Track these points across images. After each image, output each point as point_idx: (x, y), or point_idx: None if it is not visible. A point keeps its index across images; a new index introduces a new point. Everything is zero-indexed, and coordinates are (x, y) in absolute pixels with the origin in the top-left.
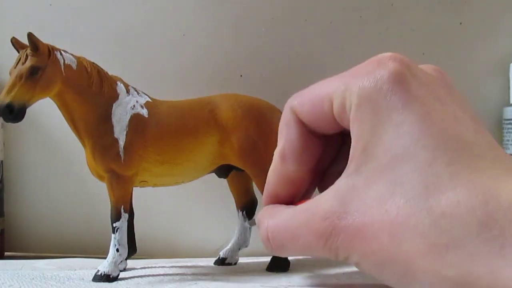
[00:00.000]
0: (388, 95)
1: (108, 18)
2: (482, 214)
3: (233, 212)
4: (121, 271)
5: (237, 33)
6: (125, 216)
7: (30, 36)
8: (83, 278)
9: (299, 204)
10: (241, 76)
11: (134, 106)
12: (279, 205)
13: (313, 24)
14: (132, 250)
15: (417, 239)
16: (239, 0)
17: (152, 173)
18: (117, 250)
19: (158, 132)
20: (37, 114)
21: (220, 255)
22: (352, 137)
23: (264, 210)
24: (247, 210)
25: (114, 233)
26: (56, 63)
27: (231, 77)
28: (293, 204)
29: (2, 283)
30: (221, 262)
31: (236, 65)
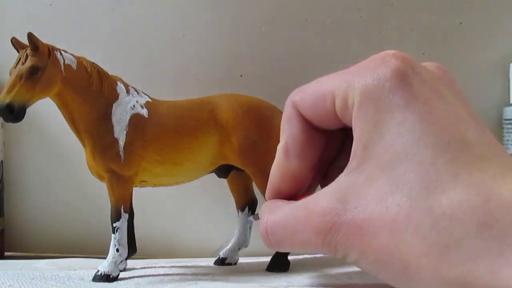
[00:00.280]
0: (391, 93)
1: (108, 18)
2: (483, 214)
3: (233, 212)
4: (121, 271)
5: (237, 33)
6: (125, 216)
7: (30, 36)
8: (83, 278)
9: (300, 200)
10: (241, 76)
11: (134, 106)
12: (280, 200)
13: (313, 24)
14: (132, 250)
15: (418, 239)
16: (239, 0)
17: (152, 173)
18: (117, 250)
19: (158, 132)
20: (37, 114)
21: (220, 255)
22: (354, 135)
23: (265, 205)
24: (249, 209)
25: (114, 233)
26: (56, 63)
27: (231, 77)
28: (295, 200)
29: (2, 283)
30: (221, 262)
31: (236, 65)
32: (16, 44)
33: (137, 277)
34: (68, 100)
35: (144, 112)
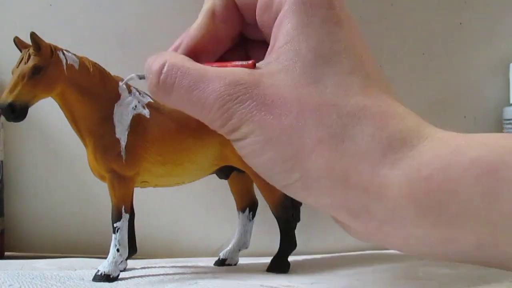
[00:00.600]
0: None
1: (108, 18)
2: (379, 119)
3: (234, 213)
4: (121, 271)
5: None
6: (126, 216)
7: (33, 36)
8: (83, 278)
9: (214, 65)
10: None
11: (136, 107)
12: (190, 59)
13: None
14: (133, 250)
15: (321, 127)
16: None
17: (153, 174)
18: (118, 250)
19: (160, 133)
20: (38, 114)
21: (220, 256)
22: (278, 31)
23: (169, 52)
24: (250, 210)
25: (115, 233)
26: (59, 63)
27: None
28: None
29: (2, 283)
30: (221, 263)
31: None
32: (19, 44)
33: (137, 277)
34: (70, 100)
35: (146, 113)
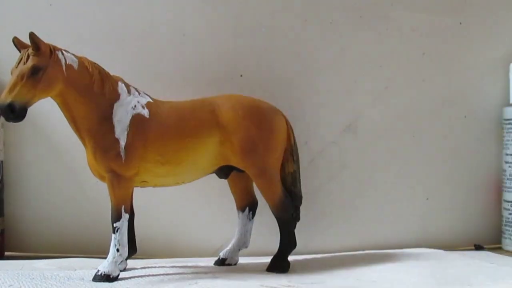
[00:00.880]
0: None
1: (108, 18)
2: None
3: (233, 213)
4: (121, 271)
5: (237, 33)
6: (126, 216)
7: (32, 36)
8: (83, 278)
9: None
10: (241, 76)
11: (135, 107)
12: None
13: (313, 24)
14: (132, 250)
15: None
16: (239, 0)
17: (153, 174)
18: (118, 250)
19: (159, 133)
20: (37, 114)
21: (220, 256)
22: None
23: None
24: (250, 209)
25: (115, 233)
26: (58, 63)
27: (231, 77)
28: None
29: (2, 283)
30: (221, 263)
31: (236, 65)
32: (18, 44)
33: (137, 277)
34: (70, 100)
35: (145, 113)
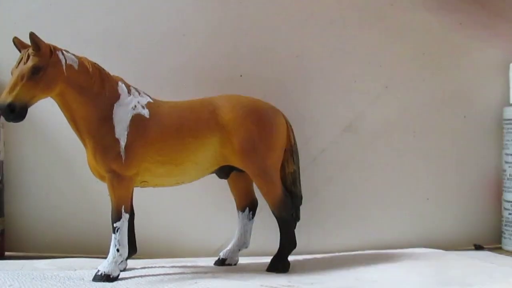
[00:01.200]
0: None
1: (109, 18)
2: None
3: (233, 213)
4: (121, 271)
5: (237, 33)
6: (126, 216)
7: (32, 36)
8: (83, 278)
9: None
10: (241, 76)
11: (135, 107)
12: None
13: (313, 24)
14: (132, 250)
15: None
16: (239, 0)
17: (153, 174)
18: (118, 250)
19: (159, 133)
20: (38, 114)
21: (220, 256)
22: None
23: None
24: (250, 209)
25: (115, 233)
26: (58, 63)
27: (231, 77)
28: None
29: (2, 283)
30: (221, 263)
31: (236, 65)
32: (18, 44)
33: (137, 277)
34: (70, 100)
35: (146, 113)
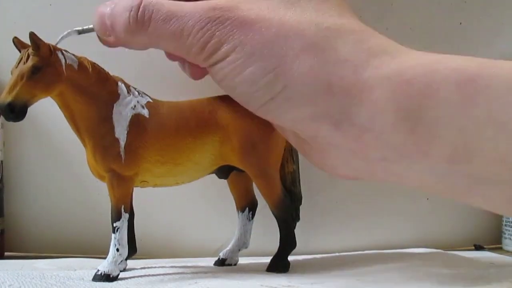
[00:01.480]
0: None
1: None
2: (358, 34)
3: (233, 213)
4: (121, 271)
5: None
6: (126, 216)
7: (32, 36)
8: (83, 278)
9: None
10: None
11: (135, 107)
12: None
13: None
14: (132, 250)
15: (303, 38)
16: None
17: (153, 173)
18: (117, 250)
19: (159, 133)
20: (37, 114)
21: (220, 256)
22: None
23: None
24: (250, 209)
25: (114, 233)
26: (58, 63)
27: None
28: None
29: (2, 283)
30: (221, 263)
31: None
32: (18, 44)
33: (137, 277)
34: (69, 100)
35: (145, 113)
